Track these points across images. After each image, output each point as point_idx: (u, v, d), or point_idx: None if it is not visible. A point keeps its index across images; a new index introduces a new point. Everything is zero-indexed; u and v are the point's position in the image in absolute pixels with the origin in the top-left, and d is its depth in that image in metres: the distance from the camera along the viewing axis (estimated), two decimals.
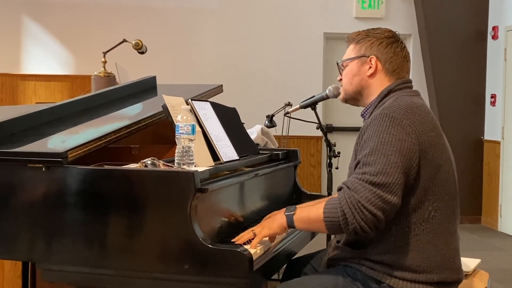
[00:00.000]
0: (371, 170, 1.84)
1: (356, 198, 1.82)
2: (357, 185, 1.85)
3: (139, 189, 2.01)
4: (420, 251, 1.92)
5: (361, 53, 2.12)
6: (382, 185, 1.82)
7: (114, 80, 4.16)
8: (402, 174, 1.84)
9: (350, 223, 1.82)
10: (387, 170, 1.83)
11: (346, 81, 2.17)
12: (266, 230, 2.04)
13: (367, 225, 1.81)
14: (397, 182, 1.83)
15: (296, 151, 3.06)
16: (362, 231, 1.83)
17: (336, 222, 1.85)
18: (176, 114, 2.22)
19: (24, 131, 2.40)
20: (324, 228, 1.90)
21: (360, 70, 2.12)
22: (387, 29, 2.16)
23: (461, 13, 7.04)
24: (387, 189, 1.82)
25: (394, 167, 1.83)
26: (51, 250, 2.06)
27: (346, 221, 1.83)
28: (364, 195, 1.82)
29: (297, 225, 2.00)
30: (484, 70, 7.09)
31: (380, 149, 1.86)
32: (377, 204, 1.81)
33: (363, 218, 1.81)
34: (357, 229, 1.82)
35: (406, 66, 2.14)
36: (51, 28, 7.17)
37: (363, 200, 1.81)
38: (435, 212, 1.93)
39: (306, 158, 7.18)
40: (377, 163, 1.85)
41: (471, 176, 6.97)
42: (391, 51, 2.10)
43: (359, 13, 7.29)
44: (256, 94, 7.10)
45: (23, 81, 6.82)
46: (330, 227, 1.89)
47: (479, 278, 2.31)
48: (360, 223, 1.81)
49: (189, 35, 7.24)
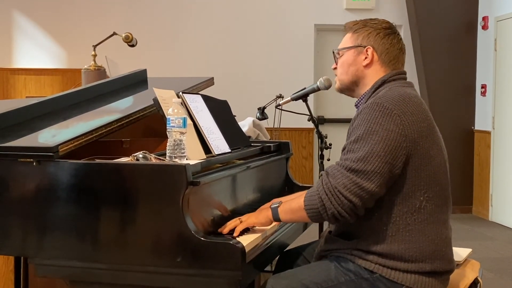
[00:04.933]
0: (352, 157, 1.87)
1: (333, 184, 1.86)
2: (335, 171, 1.89)
3: (130, 183, 2.01)
4: (412, 241, 1.93)
5: (357, 42, 2.12)
6: (360, 172, 1.85)
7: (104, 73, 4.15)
8: (384, 164, 1.86)
9: (328, 208, 1.86)
10: (368, 158, 1.85)
11: (341, 71, 2.17)
12: (253, 219, 2.10)
13: (344, 211, 1.85)
14: (376, 170, 1.85)
15: (288, 143, 3.07)
16: (340, 216, 1.87)
17: (316, 209, 1.90)
18: (167, 107, 2.22)
19: (15, 126, 2.39)
20: (306, 217, 1.95)
21: (356, 59, 2.12)
22: (384, 20, 2.16)
23: (451, 3, 7.05)
24: (364, 176, 1.84)
25: (376, 156, 1.85)
26: (43, 244, 2.06)
27: (324, 207, 1.87)
28: (341, 181, 1.86)
29: (281, 217, 2.05)
30: (475, 61, 7.12)
31: (365, 137, 1.88)
32: (352, 190, 1.84)
33: (340, 204, 1.85)
34: (335, 214, 1.86)
35: (402, 58, 2.14)
36: (41, 22, 7.12)
37: (339, 186, 1.85)
38: (426, 202, 1.94)
39: (298, 150, 7.19)
40: (359, 151, 1.87)
41: (462, 166, 7.01)
42: (387, 42, 2.10)
43: (350, 5, 7.29)
44: (247, 87, 7.10)
45: (13, 75, 6.79)
46: (311, 215, 1.93)
47: (470, 267, 2.32)
48: (338, 208, 1.85)
49: (179, 27, 7.22)
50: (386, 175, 1.87)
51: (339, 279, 1.96)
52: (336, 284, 1.95)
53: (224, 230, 2.07)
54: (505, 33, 6.52)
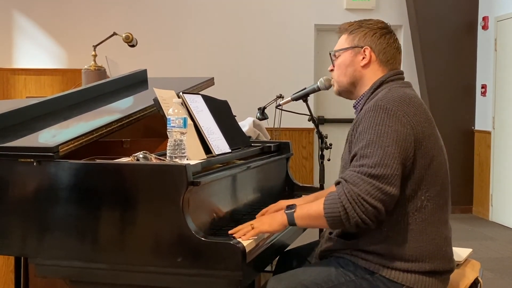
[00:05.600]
0: (368, 162, 1.85)
1: (355, 191, 1.82)
2: (355, 178, 1.85)
3: (131, 183, 2.01)
4: (412, 241, 1.92)
5: (354, 43, 2.12)
6: (380, 177, 1.82)
7: (104, 73, 4.15)
8: (399, 164, 1.85)
9: (351, 217, 1.83)
10: (385, 162, 1.83)
11: (339, 72, 2.16)
12: (266, 226, 2.03)
13: (368, 218, 1.82)
14: (395, 173, 1.83)
15: (288, 143, 3.07)
16: (363, 224, 1.84)
17: (337, 217, 1.85)
18: (167, 107, 2.22)
19: (15, 126, 2.39)
20: (326, 224, 1.90)
21: (354, 60, 2.12)
22: (379, 20, 2.16)
23: (451, 3, 7.05)
24: (386, 180, 1.82)
25: (392, 158, 1.84)
26: (43, 245, 2.06)
27: (347, 215, 1.83)
28: (363, 188, 1.82)
29: (298, 222, 1.99)
30: (475, 61, 7.11)
31: (376, 141, 1.86)
32: (377, 196, 1.82)
33: (364, 211, 1.82)
34: (358, 222, 1.83)
35: (399, 58, 2.14)
36: (41, 22, 7.12)
37: (362, 193, 1.82)
38: (427, 202, 1.94)
39: (298, 150, 7.19)
40: (374, 155, 1.85)
41: (462, 166, 7.00)
42: (384, 42, 2.09)
43: (350, 5, 7.28)
44: (247, 87, 7.09)
45: (13, 75, 6.79)
46: (331, 223, 1.89)
47: (470, 267, 2.32)
48: (362, 216, 1.82)
49: (180, 27, 7.21)
50: (401, 176, 1.87)
51: (339, 280, 1.95)
52: (336, 284, 1.95)
53: (236, 234, 2.01)
54: (505, 33, 6.52)
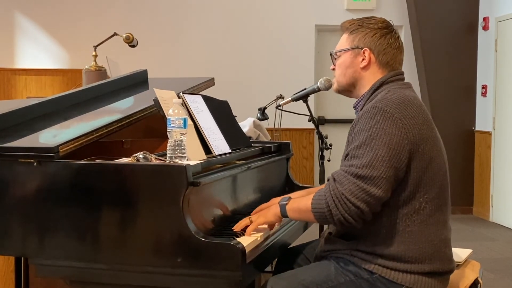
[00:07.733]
0: (357, 163, 1.87)
1: (340, 190, 1.86)
2: (342, 177, 1.88)
3: (131, 183, 2.01)
4: (412, 242, 1.93)
5: (354, 44, 2.11)
6: (366, 178, 1.84)
7: (105, 74, 4.16)
8: (389, 168, 1.86)
9: (334, 214, 1.87)
10: (373, 164, 1.85)
11: (339, 72, 2.17)
12: (262, 218, 2.11)
13: (351, 217, 1.85)
14: (382, 175, 1.85)
15: (288, 144, 3.07)
16: (347, 222, 1.87)
17: (322, 213, 1.90)
18: (167, 107, 2.22)
19: (15, 126, 2.39)
20: (313, 218, 1.96)
21: (353, 62, 2.12)
22: (381, 19, 2.15)
23: (452, 4, 7.05)
24: (371, 182, 1.84)
25: (381, 161, 1.85)
26: (43, 245, 2.06)
27: (330, 212, 1.88)
28: (347, 187, 1.85)
29: (289, 214, 2.06)
30: (475, 61, 7.11)
31: (368, 143, 1.88)
32: (360, 197, 1.84)
33: (347, 210, 1.85)
34: (341, 220, 1.87)
35: (399, 58, 2.13)
36: (42, 23, 7.13)
37: (346, 192, 1.85)
38: (426, 204, 1.94)
39: (298, 151, 7.19)
40: (364, 157, 1.87)
41: (463, 166, 7.00)
42: (384, 43, 2.09)
43: (351, 5, 7.28)
44: (248, 87, 7.10)
45: (14, 75, 6.79)
46: (318, 218, 1.94)
47: (470, 268, 2.32)
48: (344, 215, 1.85)
49: (180, 28, 7.22)
50: (392, 179, 1.87)
51: (339, 280, 1.96)
52: (336, 284, 1.95)
53: (236, 228, 2.11)
54: (506, 33, 6.52)
